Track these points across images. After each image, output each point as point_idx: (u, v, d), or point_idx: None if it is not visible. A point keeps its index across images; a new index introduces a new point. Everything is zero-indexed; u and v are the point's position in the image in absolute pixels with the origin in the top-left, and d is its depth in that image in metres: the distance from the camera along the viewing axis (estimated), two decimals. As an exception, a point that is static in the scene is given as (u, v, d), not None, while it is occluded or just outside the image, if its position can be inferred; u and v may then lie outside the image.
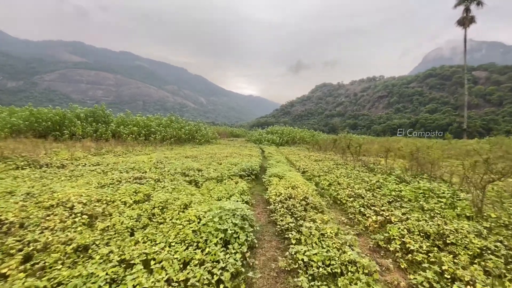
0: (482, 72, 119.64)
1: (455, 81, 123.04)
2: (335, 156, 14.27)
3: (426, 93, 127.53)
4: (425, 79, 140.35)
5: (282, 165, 9.66)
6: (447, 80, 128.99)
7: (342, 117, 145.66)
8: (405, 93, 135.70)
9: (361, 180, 6.86)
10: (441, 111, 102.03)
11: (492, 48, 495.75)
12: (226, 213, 3.25)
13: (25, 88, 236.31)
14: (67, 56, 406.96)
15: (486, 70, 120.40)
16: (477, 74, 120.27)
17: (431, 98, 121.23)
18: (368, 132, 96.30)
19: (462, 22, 34.25)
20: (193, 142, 21.90)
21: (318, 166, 10.08)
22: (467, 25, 33.97)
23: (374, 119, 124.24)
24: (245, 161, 9.68)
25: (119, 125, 18.07)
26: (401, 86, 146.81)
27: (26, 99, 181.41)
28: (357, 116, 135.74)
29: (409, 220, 3.76)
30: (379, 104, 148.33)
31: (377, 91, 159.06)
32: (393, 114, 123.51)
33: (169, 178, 5.98)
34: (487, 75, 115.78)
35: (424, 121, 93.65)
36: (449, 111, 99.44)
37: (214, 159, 10.75)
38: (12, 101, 19.60)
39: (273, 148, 21.90)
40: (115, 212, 3.71)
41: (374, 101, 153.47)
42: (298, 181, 5.94)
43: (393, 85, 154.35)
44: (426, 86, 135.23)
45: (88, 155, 9.69)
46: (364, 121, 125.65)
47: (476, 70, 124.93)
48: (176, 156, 11.07)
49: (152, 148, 15.06)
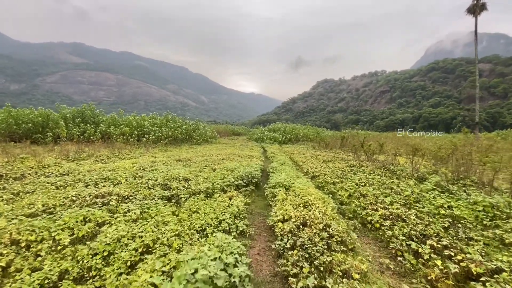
0: (486, 64, 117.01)
1: (459, 74, 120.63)
2: (345, 155, 12.82)
3: (429, 87, 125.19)
4: (428, 73, 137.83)
5: (287, 168, 8.24)
6: (450, 73, 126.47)
7: (344, 113, 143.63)
8: (408, 87, 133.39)
9: (389, 190, 5.42)
10: (445, 105, 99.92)
11: (493, 40, 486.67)
12: (203, 276, 1.86)
13: (28, 91, 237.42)
14: (68, 57, 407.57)
15: (490, 62, 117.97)
16: (481, 66, 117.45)
17: (434, 92, 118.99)
18: (370, 127, 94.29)
19: (473, 10, 32.27)
20: (190, 142, 20.55)
21: (329, 169, 8.65)
22: (478, 12, 31.99)
23: (377, 114, 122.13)
24: (244, 164, 8.28)
25: (109, 126, 16.74)
26: (403, 80, 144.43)
27: (29, 101, 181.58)
28: (359, 112, 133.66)
29: (504, 273, 2.32)
30: (382, 99, 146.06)
31: (379, 86, 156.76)
32: (396, 108, 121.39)
33: (143, 194, 4.60)
34: (491, 67, 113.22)
35: (428, 115, 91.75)
36: (453, 105, 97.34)
37: (209, 162, 9.35)
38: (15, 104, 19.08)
39: (276, 147, 20.48)
40: (26, 267, 2.31)
41: (377, 96, 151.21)
42: (311, 194, 4.53)
43: (395, 79, 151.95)
44: (429, 80, 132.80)
45: (62, 162, 8.35)
46: (367, 116, 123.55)
47: (480, 62, 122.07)
48: (166, 160, 9.69)
49: (143, 150, 13.71)
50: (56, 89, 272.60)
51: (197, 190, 4.98)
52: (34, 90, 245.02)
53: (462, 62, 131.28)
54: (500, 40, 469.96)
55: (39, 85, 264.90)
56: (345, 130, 35.72)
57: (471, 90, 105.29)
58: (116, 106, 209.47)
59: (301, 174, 8.30)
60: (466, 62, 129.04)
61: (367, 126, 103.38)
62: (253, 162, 9.32)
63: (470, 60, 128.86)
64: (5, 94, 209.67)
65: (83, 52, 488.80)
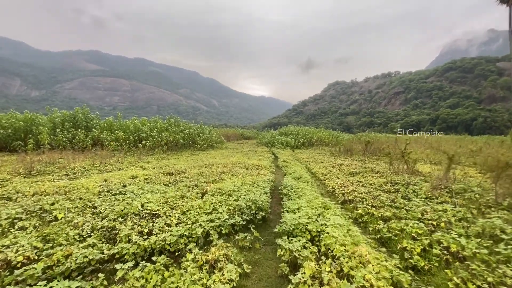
0: (508, 63, 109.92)
1: (478, 74, 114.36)
2: (373, 164, 10.44)
3: (446, 87, 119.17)
4: (445, 73, 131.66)
5: (306, 188, 6.02)
6: (469, 73, 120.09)
7: (357, 115, 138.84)
8: (423, 88, 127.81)
9: (490, 239, 3.13)
10: (464, 105, 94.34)
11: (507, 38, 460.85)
12: None
13: (47, 97, 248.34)
14: (85, 65, 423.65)
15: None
16: (502, 65, 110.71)
17: (451, 92, 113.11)
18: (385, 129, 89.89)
19: (506, 0, 28.88)
20: (194, 147, 18.70)
21: (363, 187, 6.37)
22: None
23: (391, 116, 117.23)
24: (248, 182, 6.15)
25: (103, 131, 15.11)
26: (418, 81, 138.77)
27: (49, 107, 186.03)
28: (372, 114, 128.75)
29: None
30: (396, 101, 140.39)
31: (392, 87, 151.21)
32: (411, 110, 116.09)
33: (53, 259, 2.55)
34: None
35: (446, 116, 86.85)
36: (473, 105, 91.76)
37: (204, 177, 7.27)
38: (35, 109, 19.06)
39: (288, 153, 18.21)
40: None
41: (390, 98, 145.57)
42: (364, 259, 2.36)
43: (409, 80, 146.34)
44: (446, 80, 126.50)
45: (15, 178, 6.52)
46: (380, 118, 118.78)
47: (500, 61, 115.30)
48: (153, 174, 7.72)
49: (134, 158, 11.85)
50: (74, 95, 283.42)
51: (158, 244, 2.88)
52: (53, 96, 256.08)
53: (481, 61, 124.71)
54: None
55: (58, 92, 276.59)
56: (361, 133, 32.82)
57: (492, 90, 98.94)
58: (130, 111, 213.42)
59: (326, 196, 6.05)
60: (486, 61, 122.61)
61: (381, 128, 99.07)
62: (260, 177, 7.16)
63: (490, 59, 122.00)
64: (26, 100, 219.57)
65: (100, 59, 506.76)
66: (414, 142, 18.79)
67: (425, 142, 19.82)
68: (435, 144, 17.80)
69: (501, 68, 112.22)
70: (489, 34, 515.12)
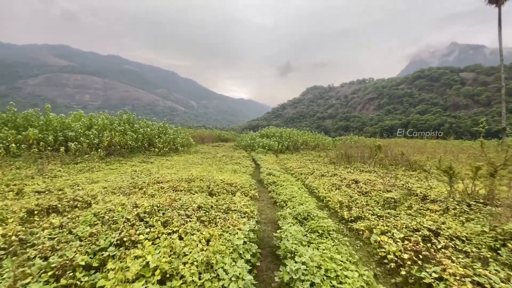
0: (469, 73, 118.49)
1: (444, 83, 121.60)
2: (389, 177, 7.19)
3: (416, 94, 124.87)
4: (414, 81, 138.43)
5: (336, 258, 2.39)
6: (436, 81, 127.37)
7: (334, 119, 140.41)
8: (395, 95, 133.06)
9: None
10: (432, 111, 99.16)
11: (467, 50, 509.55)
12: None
13: (8, 93, 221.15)
14: (53, 60, 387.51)
15: (473, 71, 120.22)
16: (464, 75, 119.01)
17: (420, 99, 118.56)
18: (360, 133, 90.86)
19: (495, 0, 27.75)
20: (151, 151, 14.37)
21: (450, 252, 2.91)
22: (502, 2, 27.44)
23: (366, 120, 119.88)
24: (199, 258, 2.41)
25: (2, 128, 10.28)
26: (390, 88, 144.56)
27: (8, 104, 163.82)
28: (348, 118, 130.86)
29: None
30: (370, 106, 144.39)
31: (367, 93, 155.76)
32: (384, 115, 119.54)
33: None
34: (474, 76, 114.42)
35: (416, 121, 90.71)
36: (440, 112, 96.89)
37: (110, 232, 3.36)
38: None
39: (272, 159, 14.59)
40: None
41: (365, 103, 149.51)
42: None
43: (383, 86, 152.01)
44: (415, 88, 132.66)
45: None
46: (356, 122, 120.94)
47: (463, 71, 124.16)
48: (35, 207, 3.61)
49: (34, 170, 7.40)
50: (38, 92, 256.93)
51: None
52: (14, 93, 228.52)
53: (446, 71, 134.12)
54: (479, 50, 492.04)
55: (20, 88, 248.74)
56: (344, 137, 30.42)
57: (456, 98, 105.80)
58: (102, 110, 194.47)
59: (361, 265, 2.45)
60: (450, 71, 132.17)
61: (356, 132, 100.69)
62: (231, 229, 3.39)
63: (453, 69, 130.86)
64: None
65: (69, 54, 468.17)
66: (405, 147, 16.17)
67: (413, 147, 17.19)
68: (420, 148, 15.36)
69: (464, 78, 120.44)
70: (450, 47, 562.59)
